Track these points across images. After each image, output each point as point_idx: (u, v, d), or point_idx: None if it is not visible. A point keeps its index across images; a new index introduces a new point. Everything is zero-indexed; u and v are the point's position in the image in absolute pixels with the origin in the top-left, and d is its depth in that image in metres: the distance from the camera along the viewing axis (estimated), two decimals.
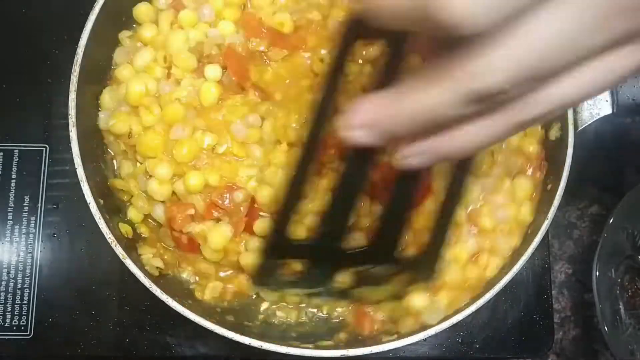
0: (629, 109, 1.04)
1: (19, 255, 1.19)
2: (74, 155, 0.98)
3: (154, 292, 0.94)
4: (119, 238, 0.97)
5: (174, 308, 0.94)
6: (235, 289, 1.06)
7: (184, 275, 1.06)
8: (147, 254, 1.04)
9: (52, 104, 1.24)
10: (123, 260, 0.95)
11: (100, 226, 0.97)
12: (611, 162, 1.35)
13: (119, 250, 0.95)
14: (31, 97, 1.24)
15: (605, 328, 1.15)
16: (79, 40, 1.04)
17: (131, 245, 1.03)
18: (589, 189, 1.35)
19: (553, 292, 1.22)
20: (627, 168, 1.35)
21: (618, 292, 1.21)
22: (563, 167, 1.01)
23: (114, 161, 1.09)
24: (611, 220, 1.18)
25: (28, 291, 1.18)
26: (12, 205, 1.21)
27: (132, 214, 1.06)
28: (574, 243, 1.33)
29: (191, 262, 1.05)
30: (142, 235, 1.07)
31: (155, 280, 0.97)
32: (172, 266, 1.06)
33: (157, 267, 1.02)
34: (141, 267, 0.97)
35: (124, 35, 1.10)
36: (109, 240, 0.96)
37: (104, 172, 1.08)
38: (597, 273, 1.17)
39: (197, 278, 1.06)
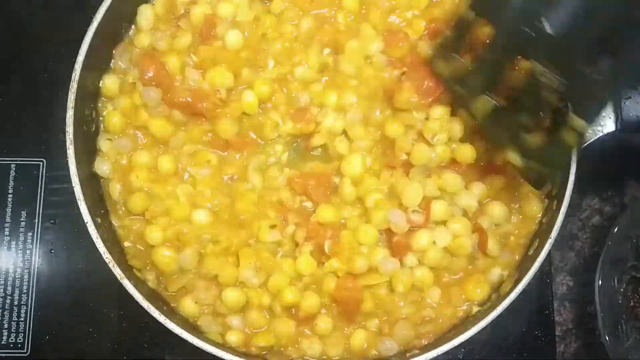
0: (632, 125, 1.03)
1: (15, 271, 1.17)
2: (71, 175, 0.97)
3: (152, 313, 0.93)
4: (118, 260, 0.96)
5: (172, 330, 0.93)
6: None
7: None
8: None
9: (49, 117, 1.22)
10: (121, 280, 0.94)
11: (97, 246, 0.96)
12: (612, 173, 1.34)
13: (117, 271, 0.95)
14: (28, 111, 1.23)
15: (607, 337, 1.15)
16: (76, 54, 1.03)
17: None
18: (589, 200, 1.34)
19: (554, 304, 1.22)
20: (627, 178, 1.34)
21: (620, 301, 1.20)
22: (566, 185, 1.00)
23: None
24: (615, 230, 1.17)
25: (25, 308, 1.16)
26: (9, 221, 1.19)
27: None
28: (575, 255, 1.32)
29: None
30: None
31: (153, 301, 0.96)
32: None
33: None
34: (138, 287, 0.96)
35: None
36: (107, 261, 0.95)
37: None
38: (600, 282, 1.16)
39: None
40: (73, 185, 0.97)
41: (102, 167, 1.05)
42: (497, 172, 1.07)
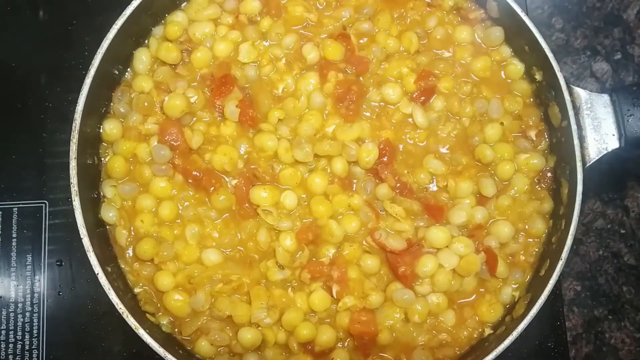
0: (637, 142, 1.03)
1: (24, 315, 1.16)
2: (78, 226, 0.96)
3: None
4: (132, 309, 0.96)
5: None
6: None
7: None
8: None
9: (48, 159, 1.21)
10: (136, 330, 0.94)
11: (110, 297, 0.95)
12: (611, 175, 1.33)
13: (132, 322, 0.94)
14: (27, 153, 1.22)
15: None
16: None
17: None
18: (591, 204, 1.34)
19: (563, 309, 1.22)
20: (628, 180, 1.34)
21: None
22: (574, 205, 0.99)
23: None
24: None
25: (37, 352, 1.16)
26: (15, 265, 1.18)
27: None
28: (580, 259, 1.32)
29: None
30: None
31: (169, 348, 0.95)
32: None
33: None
34: (153, 333, 0.96)
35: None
36: (120, 312, 0.94)
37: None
38: None
39: None
40: (81, 237, 0.96)
41: (108, 214, 1.04)
42: None
